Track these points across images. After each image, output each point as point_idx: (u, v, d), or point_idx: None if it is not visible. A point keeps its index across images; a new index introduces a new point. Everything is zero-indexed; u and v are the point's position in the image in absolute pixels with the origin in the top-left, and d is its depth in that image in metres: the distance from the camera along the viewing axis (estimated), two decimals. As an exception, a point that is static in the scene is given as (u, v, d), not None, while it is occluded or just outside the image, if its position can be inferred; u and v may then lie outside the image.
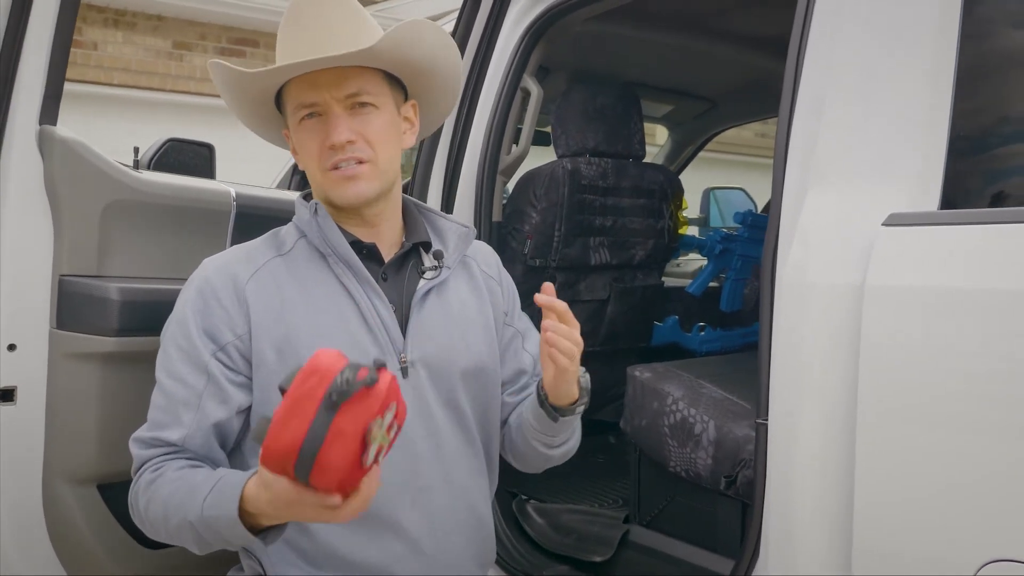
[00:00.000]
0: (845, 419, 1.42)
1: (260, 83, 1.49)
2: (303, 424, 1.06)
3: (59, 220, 1.73)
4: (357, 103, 1.47)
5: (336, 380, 1.07)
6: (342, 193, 1.48)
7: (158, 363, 1.48)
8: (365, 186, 1.48)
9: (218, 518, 1.29)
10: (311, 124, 1.47)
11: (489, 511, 1.63)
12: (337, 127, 1.45)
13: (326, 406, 1.06)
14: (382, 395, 1.09)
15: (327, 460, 1.07)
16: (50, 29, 1.71)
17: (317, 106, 1.46)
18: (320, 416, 1.06)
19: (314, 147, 1.47)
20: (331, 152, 1.46)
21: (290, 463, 1.08)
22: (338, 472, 1.09)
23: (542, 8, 2.32)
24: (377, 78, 1.50)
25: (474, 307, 1.61)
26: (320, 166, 1.48)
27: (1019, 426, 1.27)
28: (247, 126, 1.62)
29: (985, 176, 1.57)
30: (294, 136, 1.52)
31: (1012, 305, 1.28)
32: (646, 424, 2.27)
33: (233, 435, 1.48)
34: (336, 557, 1.44)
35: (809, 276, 1.49)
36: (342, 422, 1.07)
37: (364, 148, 1.47)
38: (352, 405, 1.07)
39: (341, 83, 1.45)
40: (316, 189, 1.54)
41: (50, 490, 1.76)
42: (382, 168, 1.49)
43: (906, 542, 1.37)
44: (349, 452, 1.08)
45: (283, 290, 1.48)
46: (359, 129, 1.46)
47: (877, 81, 1.50)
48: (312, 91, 1.46)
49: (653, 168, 2.88)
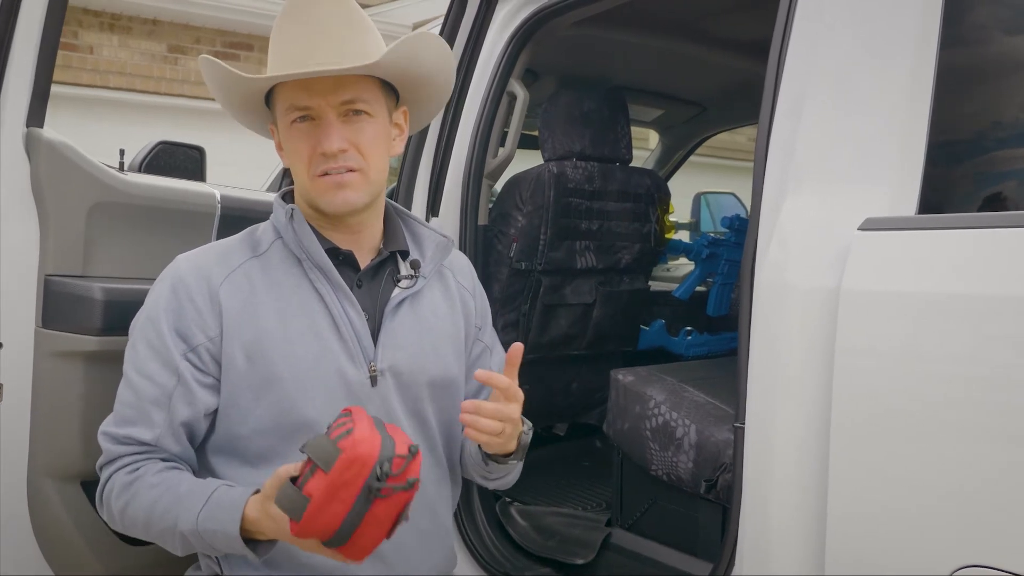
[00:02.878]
0: (820, 424, 1.42)
1: (253, 86, 1.48)
2: (342, 510, 1.13)
3: (45, 221, 1.74)
4: (351, 111, 1.45)
5: (375, 470, 1.14)
6: (330, 200, 1.46)
7: (126, 357, 1.48)
8: (354, 195, 1.46)
9: (215, 532, 1.31)
10: (303, 127, 1.45)
11: (451, 520, 1.64)
12: (330, 135, 1.43)
13: (364, 495, 1.13)
14: (416, 487, 1.18)
15: (360, 542, 1.16)
16: (37, 32, 1.71)
17: (311, 110, 1.44)
18: (359, 504, 1.13)
19: (305, 151, 1.45)
20: (322, 159, 1.44)
21: (322, 539, 1.17)
22: (368, 547, 1.18)
23: (529, 12, 2.33)
24: (372, 86, 1.48)
25: (447, 319, 1.61)
26: (309, 171, 1.46)
27: (994, 431, 1.28)
28: (233, 116, 1.59)
29: (965, 181, 1.58)
30: (283, 136, 1.50)
31: (987, 310, 1.29)
32: (628, 428, 2.28)
33: (201, 434, 1.48)
34: (293, 559, 1.44)
35: (786, 279, 1.49)
36: (379, 511, 1.15)
37: (356, 157, 1.45)
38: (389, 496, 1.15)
39: (337, 89, 1.43)
40: (301, 192, 1.52)
41: (35, 487, 1.77)
42: (372, 178, 1.48)
43: (880, 546, 1.37)
44: (381, 534, 1.17)
45: (256, 294, 1.47)
46: (352, 138, 1.45)
47: (857, 86, 1.51)
48: (306, 95, 1.43)
49: (640, 172, 2.90)
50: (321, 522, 1.13)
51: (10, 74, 1.69)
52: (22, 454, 1.76)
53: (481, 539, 2.28)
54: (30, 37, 1.70)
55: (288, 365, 1.44)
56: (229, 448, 1.47)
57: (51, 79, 1.74)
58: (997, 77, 1.56)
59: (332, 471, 1.13)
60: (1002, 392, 1.27)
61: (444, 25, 2.25)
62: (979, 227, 1.37)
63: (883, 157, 1.47)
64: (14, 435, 1.74)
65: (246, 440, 1.45)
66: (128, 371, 1.47)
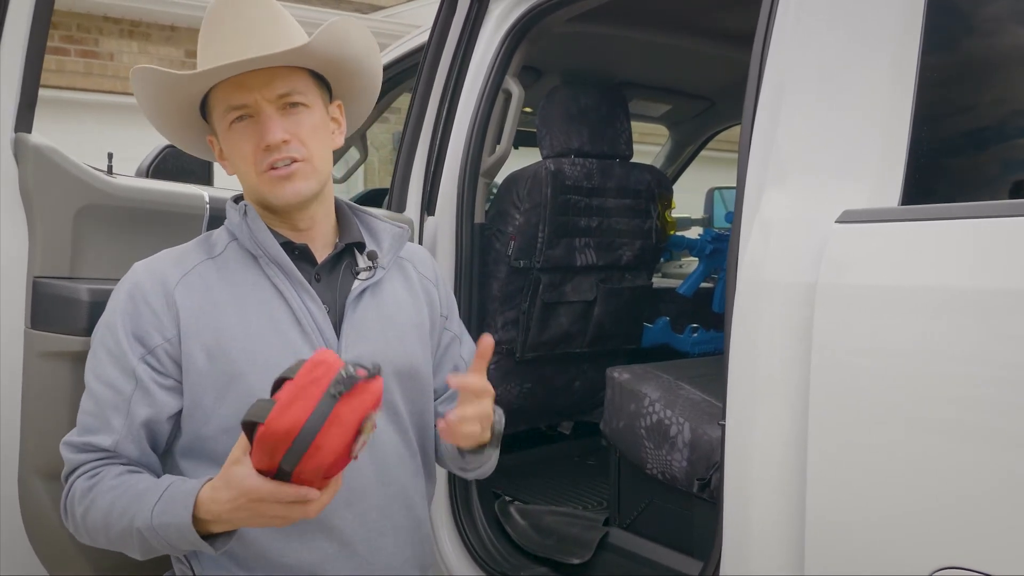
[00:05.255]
0: (799, 422, 1.40)
1: (189, 87, 1.48)
2: (307, 407, 1.15)
3: (33, 223, 1.75)
4: (288, 103, 1.46)
5: (340, 372, 1.17)
6: (280, 193, 1.46)
7: (87, 366, 1.48)
8: (303, 184, 1.47)
9: (169, 525, 1.30)
10: (242, 127, 1.46)
11: (427, 513, 1.63)
12: (271, 128, 1.43)
13: (330, 394, 1.15)
14: (378, 392, 1.20)
15: (324, 443, 1.15)
16: (24, 38, 1.72)
17: (248, 108, 1.45)
18: (323, 402, 1.15)
19: (247, 149, 1.46)
20: (266, 153, 1.45)
21: (285, 444, 1.15)
22: (330, 456, 1.16)
23: (523, 9, 2.32)
24: (306, 78, 1.49)
25: (410, 308, 1.61)
26: (256, 168, 1.46)
27: (974, 429, 1.24)
28: (166, 135, 1.60)
29: (950, 173, 1.55)
30: (223, 141, 1.50)
31: (968, 303, 1.26)
32: (624, 426, 2.26)
33: (164, 437, 1.48)
34: (265, 559, 1.43)
35: (765, 274, 1.47)
36: (342, 410, 1.16)
37: (299, 147, 1.46)
38: (353, 396, 1.17)
39: (271, 83, 1.44)
40: (250, 192, 1.52)
41: (26, 487, 1.78)
42: (317, 167, 1.49)
43: (858, 547, 1.35)
44: (345, 438, 1.16)
45: (213, 292, 1.47)
46: (292, 129, 1.45)
47: (839, 77, 1.49)
48: (242, 92, 1.44)
49: (640, 168, 2.87)
50: (286, 420, 1.14)
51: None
52: (14, 454, 1.77)
53: (479, 538, 2.28)
54: (16, 43, 1.71)
55: (250, 362, 1.43)
56: (197, 450, 1.47)
57: (38, 85, 1.76)
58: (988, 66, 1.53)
59: (298, 374, 1.18)
60: (985, 388, 1.24)
61: (435, 23, 2.25)
62: (960, 217, 1.33)
63: (865, 150, 1.45)
64: (6, 435, 1.76)
65: (212, 440, 1.44)
66: (88, 379, 1.47)
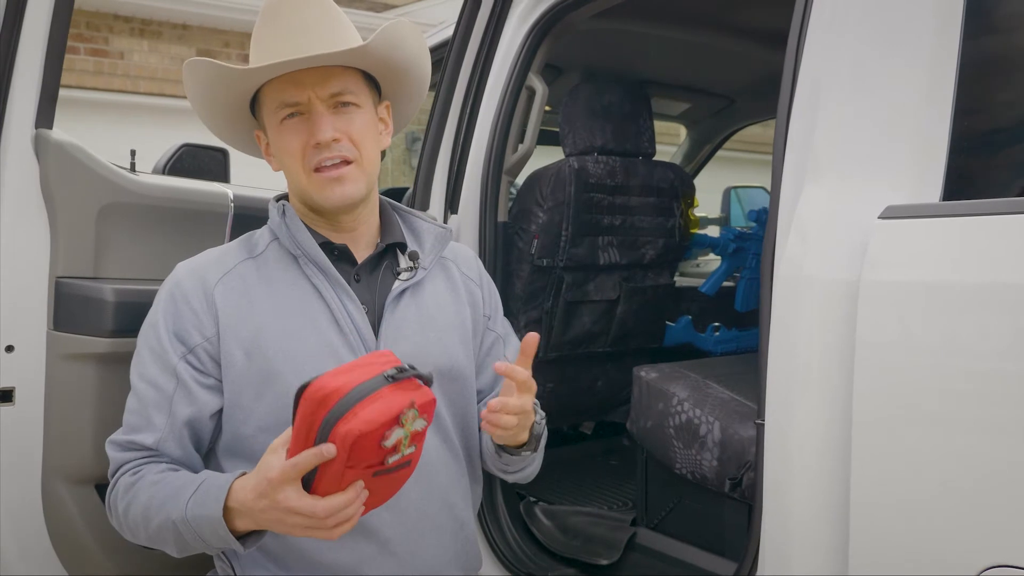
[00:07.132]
0: (841, 419, 1.38)
1: (243, 83, 1.48)
2: (361, 377, 1.20)
3: (55, 222, 1.74)
4: (340, 102, 1.46)
5: (402, 364, 1.24)
6: (328, 195, 1.46)
7: (132, 366, 1.49)
8: (352, 188, 1.47)
9: (201, 517, 1.29)
10: (293, 124, 1.46)
11: (471, 514, 1.61)
12: (322, 125, 1.44)
13: (384, 375, 1.21)
14: (428, 396, 1.24)
15: (360, 411, 1.17)
16: (44, 33, 1.70)
17: (300, 105, 1.45)
18: (376, 379, 1.20)
19: (297, 146, 1.46)
20: (315, 151, 1.45)
21: (331, 402, 1.17)
22: (361, 425, 1.16)
23: (547, 6, 2.30)
24: (358, 78, 1.50)
25: (451, 309, 1.59)
26: (304, 167, 1.46)
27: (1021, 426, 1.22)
28: (212, 127, 1.60)
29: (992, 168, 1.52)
30: (273, 137, 1.50)
31: (1008, 299, 1.23)
32: (652, 425, 2.23)
33: (207, 436, 1.48)
34: (305, 558, 1.43)
35: (805, 271, 1.45)
36: (389, 392, 1.20)
37: (349, 147, 1.46)
38: (403, 386, 1.22)
39: (325, 82, 1.45)
40: (296, 191, 1.52)
41: (49, 490, 1.77)
42: (367, 168, 1.49)
43: (904, 545, 1.32)
44: (381, 416, 1.17)
45: (252, 292, 1.47)
46: (343, 128, 1.45)
47: (877, 72, 1.46)
48: (296, 89, 1.45)
49: (663, 166, 2.84)
50: (338, 380, 1.18)
51: (18, 76, 1.69)
52: (36, 457, 1.76)
53: (505, 539, 2.26)
54: (37, 38, 1.70)
55: (287, 360, 1.43)
56: (237, 448, 1.46)
57: (59, 80, 1.74)
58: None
59: (362, 357, 1.28)
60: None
61: (459, 20, 2.22)
62: (1004, 213, 1.30)
63: (904, 146, 1.42)
64: (28, 438, 1.74)
65: (251, 439, 1.44)
66: (133, 378, 1.48)
